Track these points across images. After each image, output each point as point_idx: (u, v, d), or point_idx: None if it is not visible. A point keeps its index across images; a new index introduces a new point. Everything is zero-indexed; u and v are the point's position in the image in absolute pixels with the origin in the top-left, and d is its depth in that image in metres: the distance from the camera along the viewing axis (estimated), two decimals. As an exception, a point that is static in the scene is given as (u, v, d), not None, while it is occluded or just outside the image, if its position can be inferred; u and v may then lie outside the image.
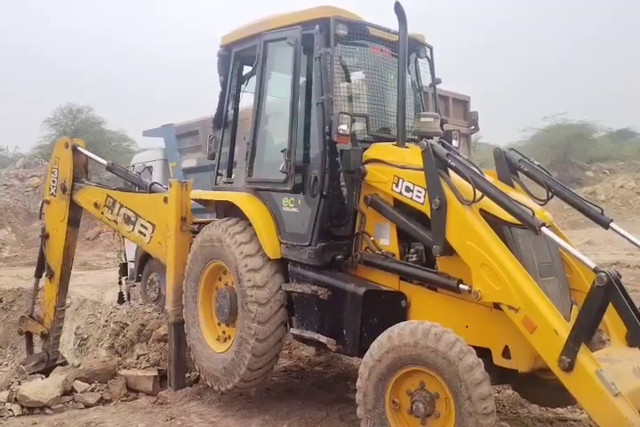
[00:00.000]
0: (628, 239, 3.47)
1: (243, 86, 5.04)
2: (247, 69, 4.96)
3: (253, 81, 4.66)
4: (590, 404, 2.66)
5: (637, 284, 6.69)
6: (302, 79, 4.25)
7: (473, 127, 5.54)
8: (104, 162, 5.74)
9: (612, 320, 3.13)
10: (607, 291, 2.67)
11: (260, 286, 4.03)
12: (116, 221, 5.48)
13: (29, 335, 5.98)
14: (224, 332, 4.50)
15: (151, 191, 5.36)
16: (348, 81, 4.57)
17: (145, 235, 5.25)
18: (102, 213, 5.56)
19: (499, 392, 4.54)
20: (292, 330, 4.11)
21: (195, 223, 5.17)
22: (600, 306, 2.71)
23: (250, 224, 4.28)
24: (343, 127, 3.83)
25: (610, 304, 2.73)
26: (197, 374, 4.81)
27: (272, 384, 4.85)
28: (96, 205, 5.56)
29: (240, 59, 4.92)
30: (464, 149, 7.86)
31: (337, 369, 5.32)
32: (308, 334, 3.93)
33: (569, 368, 2.69)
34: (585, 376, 2.65)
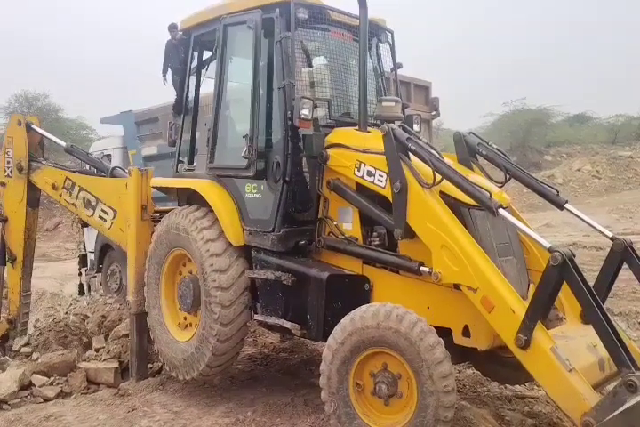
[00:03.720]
0: (582, 220, 3.56)
1: (203, 71, 4.95)
2: (208, 54, 4.88)
3: (214, 66, 4.57)
4: (546, 380, 2.72)
5: (593, 263, 6.86)
6: (263, 64, 4.19)
7: (434, 112, 5.61)
8: (62, 143, 5.54)
9: (567, 298, 3.21)
10: (561, 270, 2.72)
11: (223, 272, 3.98)
12: (75, 205, 5.31)
13: None
14: (185, 318, 4.44)
15: (113, 176, 5.21)
16: (310, 66, 4.54)
17: (106, 220, 5.11)
18: (60, 195, 5.38)
19: (460, 372, 4.64)
20: (255, 316, 4.08)
21: (156, 212, 5.08)
22: (555, 285, 2.77)
23: (212, 211, 4.21)
24: (305, 112, 3.80)
25: (564, 283, 2.78)
26: (160, 364, 4.74)
27: (236, 372, 4.82)
28: (54, 186, 5.38)
29: (200, 43, 4.83)
30: (425, 134, 7.93)
31: (302, 355, 5.32)
32: (272, 320, 3.91)
33: (525, 346, 2.74)
34: (540, 353, 2.71)
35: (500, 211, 3.08)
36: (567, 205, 3.64)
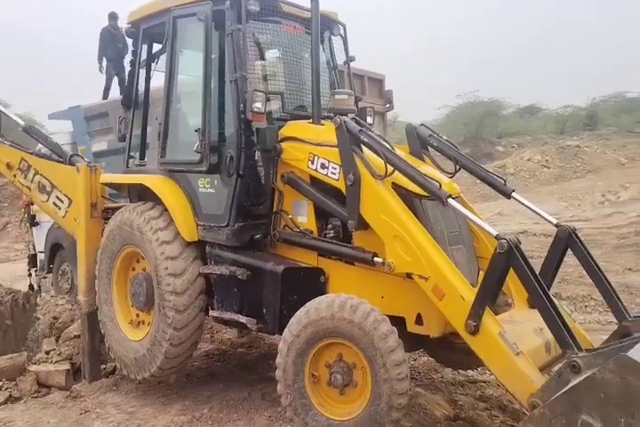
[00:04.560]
0: (528, 207, 3.67)
1: (153, 65, 4.85)
2: (158, 47, 4.78)
3: (164, 59, 4.49)
4: (495, 364, 2.78)
5: (542, 250, 7.10)
6: (214, 57, 4.13)
7: (388, 105, 5.65)
8: (20, 122, 5.30)
9: (515, 284, 3.29)
10: (508, 257, 2.78)
11: (178, 276, 3.91)
12: (29, 188, 5.11)
13: None
14: (138, 315, 4.36)
15: (70, 163, 5.05)
16: (263, 59, 4.50)
17: (60, 208, 4.94)
18: (15, 176, 5.17)
19: (415, 360, 4.72)
20: (211, 312, 4.04)
21: (106, 209, 4.94)
22: (501, 271, 2.83)
23: (167, 211, 4.13)
24: (258, 105, 3.76)
25: (511, 269, 2.86)
26: (113, 365, 4.63)
27: (193, 369, 4.76)
28: (8, 165, 5.17)
29: (149, 36, 4.73)
30: (380, 127, 8.02)
31: (260, 350, 5.30)
32: (228, 315, 3.88)
33: (475, 331, 2.80)
34: (489, 338, 2.77)
35: (450, 201, 3.14)
36: (514, 194, 3.74)
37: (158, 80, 4.68)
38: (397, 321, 3.25)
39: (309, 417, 3.09)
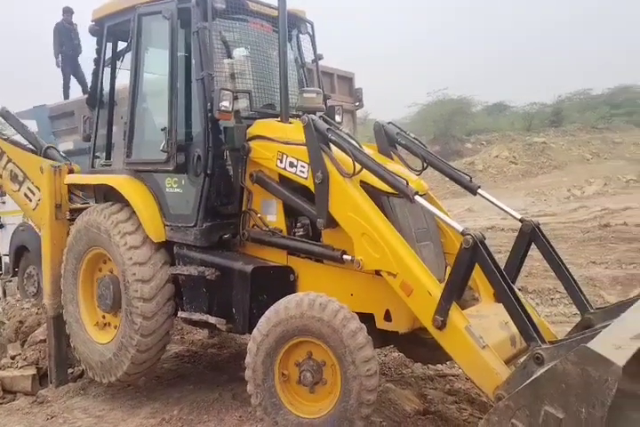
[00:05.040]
0: (493, 203, 3.73)
1: (118, 63, 4.78)
2: (123, 45, 4.71)
3: (129, 57, 4.42)
4: (462, 358, 2.82)
5: (509, 245, 7.24)
6: (181, 55, 4.09)
7: (357, 103, 5.69)
8: None
9: (481, 279, 3.35)
10: (473, 252, 2.82)
11: (146, 282, 3.86)
12: (0, 176, 4.98)
13: None
14: (104, 317, 4.29)
15: (45, 156, 4.92)
16: (230, 57, 4.47)
17: (31, 200, 4.84)
18: None
19: (385, 356, 4.77)
20: (180, 313, 3.99)
21: (72, 210, 4.84)
22: (467, 267, 2.87)
23: (134, 211, 4.07)
24: (225, 104, 3.74)
25: (476, 264, 2.90)
26: (81, 369, 4.55)
27: (162, 371, 4.71)
28: None
29: (114, 34, 4.65)
30: (350, 125, 8.06)
31: (231, 350, 5.27)
32: (197, 316, 3.85)
33: (442, 326, 2.83)
34: (456, 332, 2.81)
35: (417, 198, 3.17)
36: (480, 191, 3.80)
37: (124, 79, 4.63)
38: (367, 318, 3.28)
39: (279, 416, 3.08)
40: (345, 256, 3.37)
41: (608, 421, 2.18)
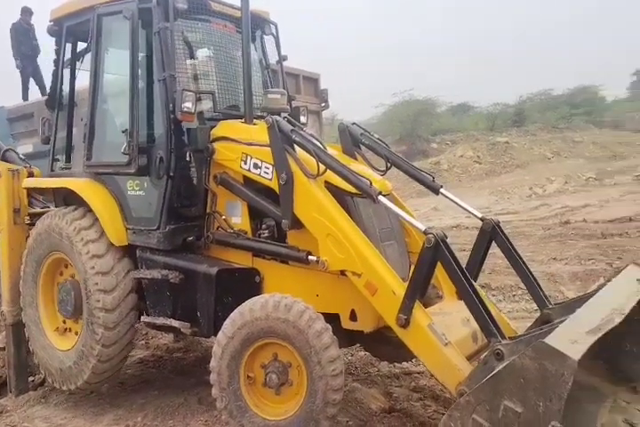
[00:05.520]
0: (455, 202, 3.81)
1: (78, 64, 4.69)
2: (83, 45, 4.62)
3: (90, 58, 4.34)
4: (425, 355, 2.86)
5: (472, 243, 7.36)
6: (142, 55, 4.04)
7: (323, 104, 5.73)
8: None
9: (444, 277, 3.40)
10: (435, 251, 2.86)
11: (109, 293, 3.80)
12: None
13: None
14: (64, 322, 4.21)
15: (4, 159, 4.77)
16: (192, 57, 4.44)
17: None
18: None
19: (352, 355, 4.80)
20: (143, 318, 3.94)
21: (31, 215, 4.72)
22: (429, 265, 2.91)
23: (94, 213, 4.00)
24: (187, 105, 3.71)
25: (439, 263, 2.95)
26: (42, 377, 4.43)
27: (126, 377, 4.63)
28: None
29: (73, 34, 4.57)
30: (315, 126, 8.09)
31: (197, 353, 5.21)
32: (161, 320, 3.80)
33: (405, 324, 2.87)
34: (419, 330, 2.85)
35: (380, 198, 3.20)
36: (442, 190, 3.86)
37: (84, 80, 4.55)
38: (332, 318, 3.29)
39: (245, 419, 3.07)
40: (310, 257, 3.38)
41: (566, 413, 2.25)
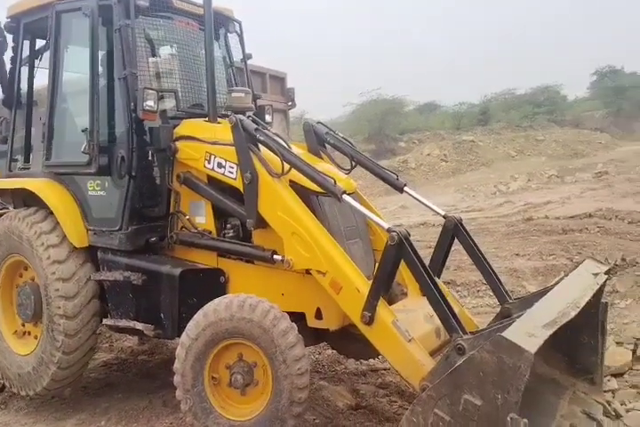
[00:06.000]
0: (419, 200, 3.86)
1: (37, 62, 4.57)
2: (41, 43, 4.50)
3: (48, 55, 4.24)
4: (389, 352, 2.89)
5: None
6: (102, 53, 3.97)
7: (290, 103, 5.73)
8: None
9: (408, 274, 3.44)
10: (398, 248, 2.89)
11: (70, 299, 3.71)
12: None
13: None
14: (23, 325, 4.11)
15: None
16: (154, 55, 4.37)
17: None
18: None
19: (319, 354, 4.81)
20: (105, 321, 3.87)
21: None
22: (393, 263, 2.94)
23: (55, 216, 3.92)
24: (149, 103, 3.66)
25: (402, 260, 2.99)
26: (2, 382, 4.30)
27: (89, 381, 4.54)
28: None
29: (31, 31, 4.46)
30: (282, 125, 8.08)
31: (162, 356, 5.14)
32: (123, 322, 3.74)
33: (370, 322, 2.89)
34: (383, 327, 2.87)
35: (344, 196, 3.22)
36: (406, 188, 3.90)
37: (43, 78, 4.45)
38: (298, 317, 3.29)
39: (210, 420, 3.04)
40: (275, 256, 3.38)
41: (527, 405, 2.31)
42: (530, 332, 2.31)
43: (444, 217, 3.67)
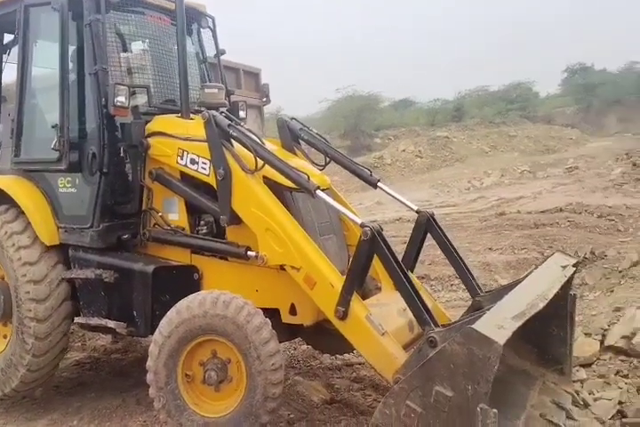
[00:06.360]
0: (392, 196, 3.90)
1: (5, 57, 4.48)
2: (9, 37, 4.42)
3: (17, 50, 4.16)
4: (363, 346, 2.92)
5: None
6: (73, 48, 3.91)
7: (264, 99, 5.70)
8: None
9: (381, 269, 3.47)
10: (371, 243, 2.92)
11: (41, 302, 3.64)
12: None
13: None
14: None
15: None
16: (126, 50, 4.32)
17: None
18: None
19: (294, 349, 4.83)
20: (77, 319, 3.83)
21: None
22: (366, 258, 2.96)
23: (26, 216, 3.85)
24: (120, 99, 3.62)
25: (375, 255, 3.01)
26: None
27: (61, 380, 4.47)
28: None
29: None
30: (257, 121, 8.04)
31: (136, 354, 5.10)
32: (95, 320, 3.70)
33: (344, 317, 2.91)
34: (357, 322, 2.89)
35: (318, 192, 3.23)
36: (380, 184, 3.93)
37: (12, 73, 4.35)
38: (272, 313, 3.30)
39: (184, 418, 3.03)
40: (249, 252, 3.37)
41: (498, 395, 2.36)
42: (499, 324, 2.36)
43: (416, 212, 3.71)
